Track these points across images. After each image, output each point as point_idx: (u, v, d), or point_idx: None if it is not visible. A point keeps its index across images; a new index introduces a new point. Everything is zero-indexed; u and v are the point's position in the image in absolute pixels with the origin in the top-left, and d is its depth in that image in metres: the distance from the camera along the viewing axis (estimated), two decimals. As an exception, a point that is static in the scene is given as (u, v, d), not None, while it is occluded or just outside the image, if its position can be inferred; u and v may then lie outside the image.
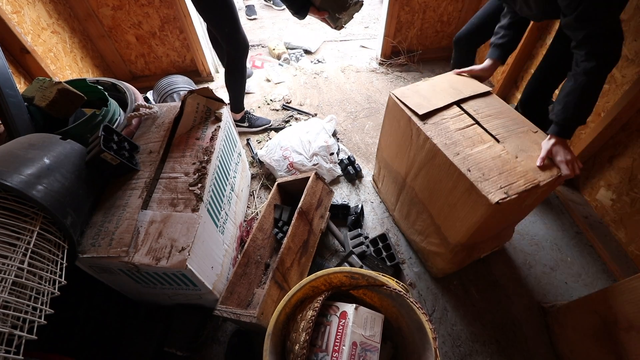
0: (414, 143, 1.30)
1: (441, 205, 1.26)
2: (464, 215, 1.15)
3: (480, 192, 1.02)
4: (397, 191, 1.58)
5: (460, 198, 1.14)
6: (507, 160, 1.11)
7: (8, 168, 0.92)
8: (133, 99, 1.48)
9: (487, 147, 1.15)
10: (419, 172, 1.33)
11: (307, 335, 0.93)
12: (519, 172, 1.07)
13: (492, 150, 1.14)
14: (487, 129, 1.21)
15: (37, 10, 1.85)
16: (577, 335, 1.20)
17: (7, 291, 0.78)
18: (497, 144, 1.16)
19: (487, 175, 1.06)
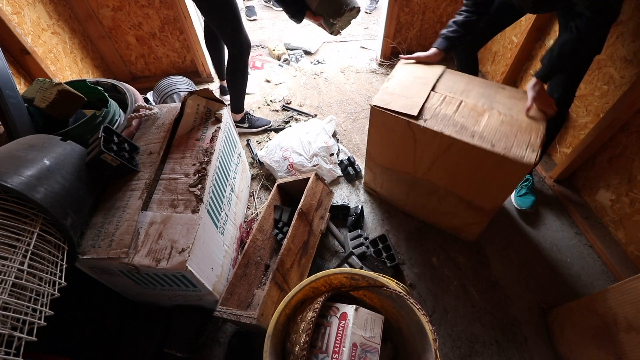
0: (418, 141, 1.31)
1: (468, 183, 1.32)
2: (499, 184, 1.23)
3: (515, 159, 1.11)
4: (406, 188, 1.60)
5: (490, 172, 1.21)
6: (510, 123, 1.20)
7: (8, 169, 0.92)
8: (133, 99, 1.48)
9: (487, 118, 1.23)
10: (432, 165, 1.36)
11: (307, 336, 0.93)
12: (525, 128, 1.18)
13: (493, 120, 1.22)
14: (473, 102, 1.29)
15: (37, 11, 1.85)
16: (576, 335, 1.20)
17: (7, 293, 0.78)
18: (492, 111, 1.25)
19: (508, 142, 1.15)
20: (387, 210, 1.78)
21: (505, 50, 2.21)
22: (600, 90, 1.57)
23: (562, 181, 1.81)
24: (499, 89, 1.34)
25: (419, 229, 1.70)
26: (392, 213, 1.77)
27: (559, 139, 1.85)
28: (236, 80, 1.90)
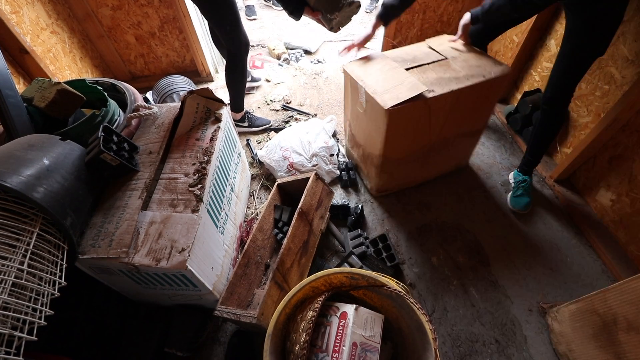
0: (433, 112, 1.43)
1: (467, 118, 1.57)
2: (488, 104, 1.58)
3: (497, 76, 1.40)
4: (421, 161, 1.70)
5: (481, 97, 1.48)
6: (467, 59, 1.51)
7: (7, 169, 0.92)
8: (132, 99, 1.48)
9: (453, 65, 1.49)
10: (444, 123, 1.52)
11: (307, 335, 0.93)
12: (480, 57, 1.52)
13: (458, 64, 1.49)
14: (434, 60, 1.53)
15: (36, 11, 1.84)
16: (576, 335, 1.20)
17: (7, 292, 0.78)
18: (449, 59, 1.52)
19: (483, 70, 1.43)
20: (387, 209, 1.78)
21: (506, 50, 2.21)
22: (601, 90, 1.57)
23: (563, 181, 1.81)
24: (429, 46, 1.64)
25: (419, 229, 1.70)
26: (392, 213, 1.77)
27: (560, 139, 1.85)
28: (235, 79, 1.90)
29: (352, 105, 1.65)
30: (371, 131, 1.54)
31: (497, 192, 1.84)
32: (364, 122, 1.58)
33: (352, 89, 1.57)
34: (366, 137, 1.63)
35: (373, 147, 1.59)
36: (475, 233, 1.67)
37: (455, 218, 1.73)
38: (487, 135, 2.15)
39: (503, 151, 2.05)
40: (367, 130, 1.59)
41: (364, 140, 1.68)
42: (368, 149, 1.65)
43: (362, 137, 1.69)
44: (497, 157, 2.02)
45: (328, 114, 2.32)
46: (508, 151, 2.05)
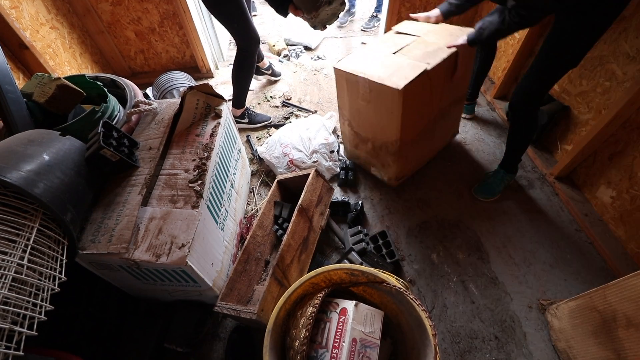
0: (434, 83, 1.49)
1: (458, 83, 1.65)
2: (469, 65, 1.64)
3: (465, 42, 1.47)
4: (429, 136, 1.77)
5: (464, 60, 1.52)
6: (441, 31, 1.63)
7: (7, 164, 0.92)
8: (132, 95, 1.47)
9: (429, 40, 1.59)
10: (442, 93, 1.60)
11: (307, 331, 0.93)
12: (453, 30, 1.63)
13: (432, 37, 1.61)
14: (409, 41, 1.63)
15: (35, 6, 1.84)
16: (576, 332, 1.21)
17: (7, 287, 0.78)
18: (421, 36, 1.63)
19: (458, 34, 1.56)
20: (387, 206, 1.78)
21: (507, 46, 2.20)
22: (602, 87, 1.56)
23: (563, 178, 1.81)
24: (397, 32, 1.73)
25: (419, 225, 1.70)
26: (392, 209, 1.77)
27: (560, 136, 1.84)
28: (242, 74, 1.89)
29: (351, 102, 1.64)
30: (381, 120, 1.54)
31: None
32: (371, 113, 1.58)
33: (350, 85, 1.56)
34: (375, 129, 1.63)
35: (387, 135, 1.59)
36: (475, 230, 1.67)
37: (455, 215, 1.73)
38: (487, 131, 2.15)
39: (503, 148, 2.04)
40: (375, 121, 1.59)
41: (372, 133, 1.67)
42: (380, 139, 1.65)
43: (369, 131, 1.68)
44: (497, 153, 2.02)
45: (328, 110, 2.32)
46: (508, 148, 2.04)
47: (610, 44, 1.50)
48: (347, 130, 1.83)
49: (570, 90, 1.75)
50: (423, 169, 1.94)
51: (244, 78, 1.92)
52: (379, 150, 1.71)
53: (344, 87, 1.61)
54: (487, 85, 2.40)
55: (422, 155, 1.88)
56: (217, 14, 1.65)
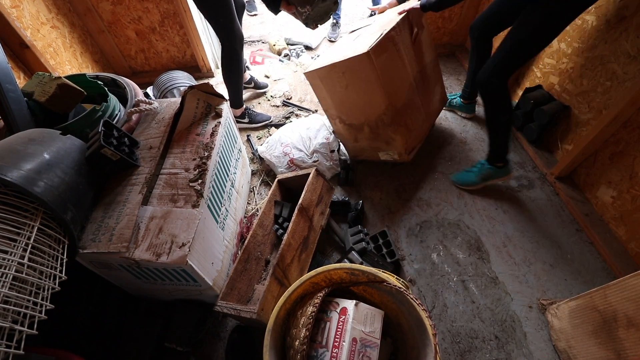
0: (400, 48, 1.60)
1: (428, 42, 1.87)
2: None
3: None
4: (419, 96, 1.81)
5: (419, 15, 1.64)
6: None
7: (8, 163, 0.92)
8: (133, 94, 1.47)
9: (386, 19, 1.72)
10: (414, 54, 1.72)
11: (307, 331, 0.93)
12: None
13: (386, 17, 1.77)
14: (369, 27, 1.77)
15: (36, 5, 1.84)
16: (576, 332, 1.21)
17: (8, 286, 0.78)
18: (376, 21, 1.81)
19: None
20: (387, 206, 1.78)
21: (507, 46, 2.19)
22: (602, 87, 1.56)
23: (563, 178, 1.81)
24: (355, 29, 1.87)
25: (419, 225, 1.70)
26: (392, 209, 1.77)
27: (561, 135, 1.84)
28: (230, 74, 1.89)
29: (332, 97, 1.69)
30: (365, 95, 1.58)
31: (497, 188, 1.83)
32: (354, 96, 1.62)
33: (324, 81, 1.63)
34: (364, 109, 1.65)
35: (376, 107, 1.60)
36: (476, 229, 1.67)
37: (456, 214, 1.73)
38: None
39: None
40: (361, 100, 1.62)
41: (363, 115, 1.68)
42: (373, 116, 1.65)
43: (360, 114, 1.69)
44: (498, 153, 2.01)
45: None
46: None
47: (611, 43, 1.49)
48: (341, 128, 1.83)
49: (570, 90, 1.75)
50: (423, 169, 1.94)
51: (234, 77, 1.91)
52: (377, 128, 1.70)
53: (320, 86, 1.68)
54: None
55: (421, 122, 1.86)
56: (202, 7, 1.64)
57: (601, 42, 1.54)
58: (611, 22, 1.48)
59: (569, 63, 1.74)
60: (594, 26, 1.57)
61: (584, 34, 1.63)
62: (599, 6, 1.53)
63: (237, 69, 1.87)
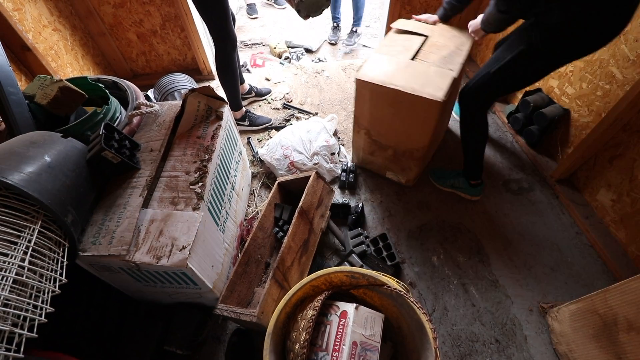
0: (454, 89, 1.54)
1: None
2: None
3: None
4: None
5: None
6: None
7: (9, 166, 0.92)
8: (134, 97, 1.48)
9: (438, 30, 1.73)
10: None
11: (307, 334, 0.93)
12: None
13: (442, 29, 1.75)
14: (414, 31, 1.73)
15: (38, 8, 1.85)
16: (577, 335, 1.20)
17: (8, 289, 0.78)
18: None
19: (464, 32, 1.71)
20: (387, 209, 1.78)
21: (507, 49, 2.20)
22: (602, 90, 1.57)
23: (563, 181, 1.81)
24: (400, 30, 1.76)
25: (420, 228, 1.70)
26: (392, 212, 1.77)
27: (560, 138, 1.85)
28: (225, 76, 1.89)
29: (373, 112, 1.61)
30: (411, 128, 1.55)
31: (497, 191, 1.84)
32: (398, 121, 1.56)
33: (374, 95, 1.52)
34: (400, 137, 1.63)
35: (413, 142, 1.60)
36: (476, 232, 1.67)
37: (456, 217, 1.73)
38: (488, 135, 2.15)
39: (503, 151, 2.05)
40: (402, 129, 1.58)
41: (396, 141, 1.66)
42: (404, 146, 1.65)
43: (392, 139, 1.66)
44: (497, 156, 2.02)
45: (329, 112, 2.32)
46: (508, 151, 2.04)
47: (610, 47, 1.50)
48: (363, 140, 1.78)
49: (570, 93, 1.76)
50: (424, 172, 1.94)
51: (229, 79, 1.91)
52: (401, 156, 1.71)
53: (366, 97, 1.56)
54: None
55: (433, 150, 1.93)
56: (199, 6, 1.64)
57: (600, 45, 1.55)
58: (610, 26, 1.49)
59: (569, 66, 1.74)
60: (593, 30, 1.58)
61: (584, 38, 1.63)
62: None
63: (231, 72, 1.87)
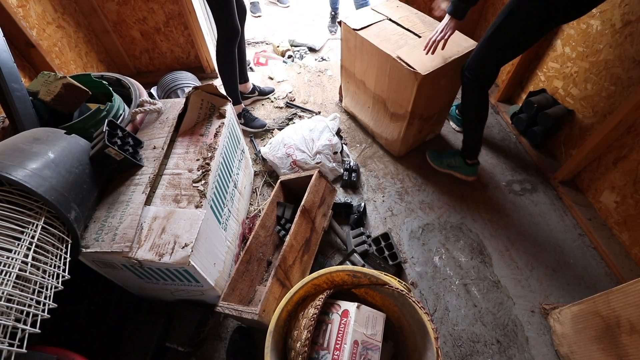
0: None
1: None
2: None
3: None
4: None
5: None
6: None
7: (13, 162, 0.92)
8: (137, 94, 1.48)
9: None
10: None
11: (308, 332, 0.93)
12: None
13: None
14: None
15: (42, 5, 1.85)
16: (579, 337, 1.20)
17: (11, 284, 0.79)
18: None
19: None
20: (389, 208, 1.78)
21: (511, 50, 2.19)
22: (607, 91, 1.56)
23: (567, 182, 1.80)
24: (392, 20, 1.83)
25: (422, 228, 1.69)
26: (394, 211, 1.77)
27: (565, 139, 1.84)
28: (223, 66, 1.89)
29: (353, 56, 1.88)
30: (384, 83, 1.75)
31: (500, 192, 1.83)
32: (384, 78, 1.74)
33: (360, 48, 1.77)
34: (376, 84, 1.83)
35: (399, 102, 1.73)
36: (478, 232, 1.67)
37: (458, 217, 1.73)
38: (490, 135, 2.14)
39: (507, 151, 2.04)
40: (375, 78, 1.80)
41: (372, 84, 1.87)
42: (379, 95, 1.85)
43: (370, 82, 1.87)
44: (500, 157, 2.01)
45: (332, 111, 2.32)
46: (512, 151, 2.04)
47: (615, 48, 1.49)
48: (345, 77, 2.11)
49: (574, 94, 1.75)
50: (426, 171, 1.94)
51: (226, 71, 1.91)
52: (379, 104, 1.87)
53: (351, 42, 1.82)
54: (491, 89, 2.39)
55: (425, 127, 1.97)
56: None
57: (606, 46, 1.54)
58: (616, 27, 1.48)
59: (573, 67, 1.73)
60: (598, 30, 1.57)
61: (589, 38, 1.62)
62: (603, 10, 1.53)
63: (229, 64, 1.87)
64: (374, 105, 1.94)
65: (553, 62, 1.87)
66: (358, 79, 1.96)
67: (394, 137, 1.91)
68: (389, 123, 1.88)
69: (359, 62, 1.86)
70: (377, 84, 1.81)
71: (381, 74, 1.72)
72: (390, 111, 1.81)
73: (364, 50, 1.75)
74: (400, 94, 1.67)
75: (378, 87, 1.81)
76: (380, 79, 1.75)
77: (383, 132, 2.01)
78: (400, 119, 1.77)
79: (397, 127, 1.83)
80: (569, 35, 1.74)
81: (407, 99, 1.63)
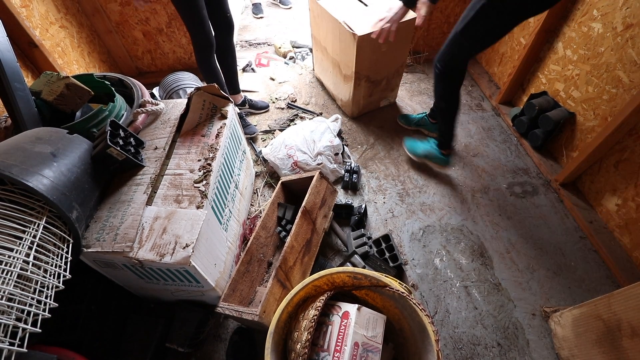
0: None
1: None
2: None
3: None
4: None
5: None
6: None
7: (15, 161, 0.93)
8: (139, 94, 1.48)
9: None
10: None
11: (309, 334, 0.93)
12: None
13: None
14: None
15: (45, 5, 1.85)
16: (579, 340, 1.20)
17: (12, 284, 0.79)
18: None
19: None
20: (390, 210, 1.78)
21: (512, 52, 2.19)
22: (608, 94, 1.56)
23: (568, 185, 1.80)
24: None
25: (423, 230, 1.69)
26: (395, 213, 1.77)
27: (566, 142, 1.84)
28: (205, 77, 1.87)
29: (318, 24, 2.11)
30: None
31: (501, 194, 1.83)
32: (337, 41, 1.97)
33: (322, 16, 2.00)
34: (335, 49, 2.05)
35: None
36: (479, 235, 1.66)
37: (459, 219, 1.73)
38: (491, 137, 2.14)
39: (508, 154, 2.04)
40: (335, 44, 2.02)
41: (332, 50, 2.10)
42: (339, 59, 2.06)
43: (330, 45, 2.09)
44: (501, 159, 2.01)
45: (333, 113, 2.32)
46: (513, 154, 2.04)
47: (617, 50, 1.49)
48: (317, 49, 2.35)
49: (576, 97, 1.75)
50: (427, 173, 1.94)
51: (208, 80, 1.87)
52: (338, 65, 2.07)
53: (318, 11, 2.03)
54: (493, 91, 2.40)
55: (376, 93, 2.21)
56: (176, 8, 1.62)
57: (607, 49, 1.54)
58: (617, 29, 1.48)
59: (575, 70, 1.73)
60: (599, 33, 1.57)
61: (590, 41, 1.63)
62: (605, 13, 1.53)
63: (208, 73, 1.83)
64: (333, 68, 2.18)
65: (554, 64, 1.87)
66: (322, 46, 2.21)
67: (347, 97, 2.15)
68: (343, 84, 2.12)
69: (322, 30, 2.09)
70: (333, 49, 2.05)
71: (334, 38, 1.96)
72: (343, 73, 2.06)
73: (323, 18, 1.99)
74: (347, 56, 1.90)
75: (334, 51, 2.05)
76: (334, 43, 1.99)
77: (339, 94, 2.27)
78: (349, 79, 2.02)
79: (348, 88, 2.08)
80: (570, 38, 1.74)
81: (351, 59, 1.86)
